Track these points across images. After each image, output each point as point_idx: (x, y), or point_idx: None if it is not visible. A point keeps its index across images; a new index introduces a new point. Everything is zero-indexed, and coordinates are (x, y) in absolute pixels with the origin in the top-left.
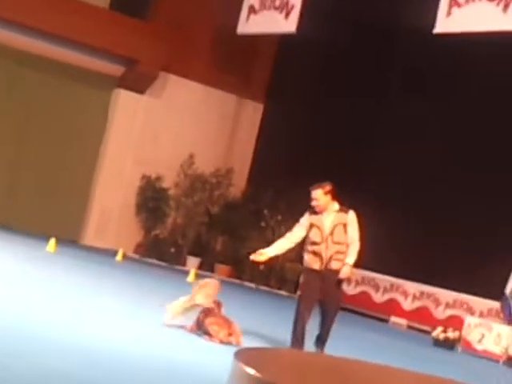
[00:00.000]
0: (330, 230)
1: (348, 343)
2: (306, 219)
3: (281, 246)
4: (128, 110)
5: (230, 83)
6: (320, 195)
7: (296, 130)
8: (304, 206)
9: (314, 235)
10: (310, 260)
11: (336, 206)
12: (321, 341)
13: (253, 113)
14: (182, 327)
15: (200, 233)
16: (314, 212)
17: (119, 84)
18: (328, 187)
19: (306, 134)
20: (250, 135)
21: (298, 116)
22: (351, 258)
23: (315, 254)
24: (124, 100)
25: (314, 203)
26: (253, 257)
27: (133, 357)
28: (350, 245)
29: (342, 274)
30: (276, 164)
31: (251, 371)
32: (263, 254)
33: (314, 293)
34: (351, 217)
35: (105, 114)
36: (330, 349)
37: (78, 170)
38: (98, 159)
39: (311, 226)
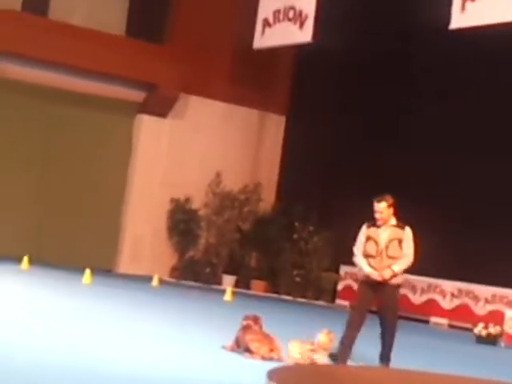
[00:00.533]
0: (385, 244)
1: None
2: (364, 231)
3: (364, 261)
4: (152, 134)
5: (251, 98)
6: (384, 208)
7: (321, 139)
8: (336, 215)
9: (370, 248)
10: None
11: (393, 220)
12: (384, 358)
13: (276, 126)
14: (222, 347)
15: (233, 250)
16: (372, 225)
17: (141, 109)
18: (391, 200)
19: (331, 143)
20: (275, 149)
21: (322, 125)
22: (398, 266)
23: (370, 266)
24: (147, 125)
25: (377, 215)
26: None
27: (178, 380)
28: (403, 257)
29: (381, 276)
30: (304, 175)
31: None
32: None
33: (366, 304)
34: (407, 233)
35: (129, 140)
36: (373, 354)
37: (108, 198)
38: (126, 186)
39: (368, 238)
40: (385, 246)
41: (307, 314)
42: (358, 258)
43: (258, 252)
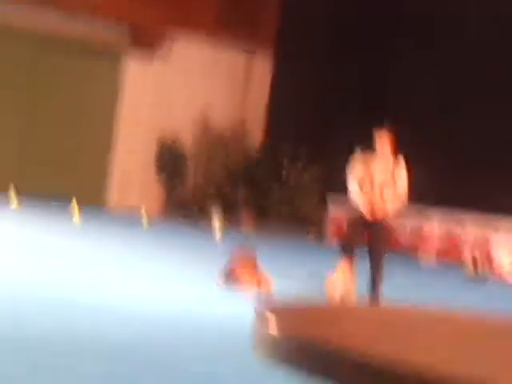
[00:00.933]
0: (380, 177)
1: None
2: (360, 162)
3: (361, 197)
4: (137, 76)
5: (237, 36)
6: (385, 138)
7: (309, 76)
8: (325, 151)
9: (364, 183)
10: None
11: (389, 152)
12: (373, 295)
13: (263, 63)
14: (215, 283)
15: (221, 189)
16: (367, 154)
17: (126, 53)
18: (391, 133)
19: (319, 80)
20: (262, 87)
21: (309, 62)
22: (391, 205)
23: (363, 202)
24: (132, 67)
25: (377, 146)
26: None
27: (174, 315)
28: (396, 195)
29: (374, 214)
30: (292, 112)
31: (274, 328)
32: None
33: (355, 241)
34: (401, 165)
35: (115, 83)
36: (361, 287)
37: (96, 137)
38: (114, 128)
39: (363, 171)
40: (380, 179)
41: (297, 250)
42: (354, 193)
43: (246, 190)
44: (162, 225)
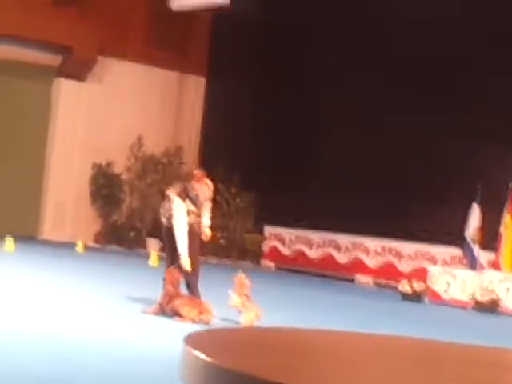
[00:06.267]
0: (204, 204)
1: (316, 306)
2: (180, 205)
3: (185, 239)
4: (70, 98)
5: (169, 60)
6: (201, 177)
7: (242, 100)
8: (259, 176)
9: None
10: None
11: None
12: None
13: (195, 87)
14: (143, 312)
15: (157, 214)
16: (185, 195)
17: (58, 73)
18: (205, 172)
19: (252, 104)
20: (195, 110)
21: (242, 86)
22: (207, 219)
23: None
24: (65, 89)
25: (209, 192)
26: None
27: (101, 344)
28: (204, 207)
29: (205, 237)
30: (225, 137)
31: (201, 356)
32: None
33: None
34: (210, 186)
35: (47, 105)
36: (298, 313)
37: (28, 165)
38: (47, 152)
39: (189, 212)
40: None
41: (232, 276)
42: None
43: None
44: (96, 252)
